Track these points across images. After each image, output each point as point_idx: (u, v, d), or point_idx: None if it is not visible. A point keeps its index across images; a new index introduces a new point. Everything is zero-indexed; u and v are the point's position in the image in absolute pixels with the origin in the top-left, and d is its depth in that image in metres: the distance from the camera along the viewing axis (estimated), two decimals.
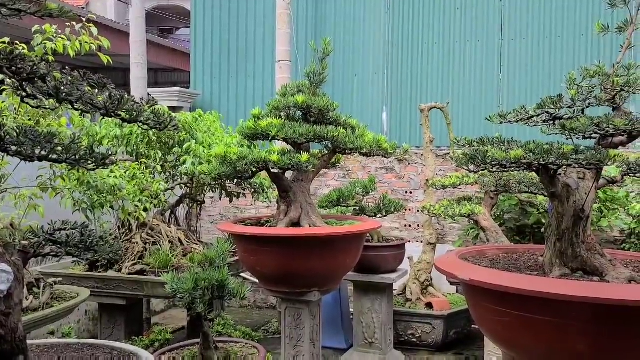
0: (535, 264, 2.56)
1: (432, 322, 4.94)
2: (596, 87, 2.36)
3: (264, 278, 3.30)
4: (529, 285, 1.96)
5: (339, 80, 6.96)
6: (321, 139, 3.31)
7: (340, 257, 3.20)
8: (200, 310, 2.09)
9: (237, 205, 6.81)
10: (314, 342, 3.40)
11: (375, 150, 3.54)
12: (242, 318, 6.11)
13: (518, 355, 2.26)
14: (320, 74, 3.46)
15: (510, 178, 3.47)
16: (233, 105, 7.36)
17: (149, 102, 1.67)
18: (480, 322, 2.34)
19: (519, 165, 2.20)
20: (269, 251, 3.10)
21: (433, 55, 6.74)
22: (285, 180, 3.44)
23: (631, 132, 2.15)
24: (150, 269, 3.78)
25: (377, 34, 6.94)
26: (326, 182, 6.72)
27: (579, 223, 2.32)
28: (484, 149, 2.18)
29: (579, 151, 2.02)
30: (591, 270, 2.30)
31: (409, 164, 6.49)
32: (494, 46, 6.56)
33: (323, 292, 3.36)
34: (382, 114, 6.88)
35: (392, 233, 6.18)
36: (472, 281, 2.13)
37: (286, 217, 3.36)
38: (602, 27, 2.39)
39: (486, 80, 6.58)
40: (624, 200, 4.84)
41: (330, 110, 3.40)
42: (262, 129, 3.23)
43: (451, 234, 6.30)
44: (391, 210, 4.67)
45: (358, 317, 4.68)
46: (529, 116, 2.40)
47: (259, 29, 7.35)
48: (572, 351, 1.95)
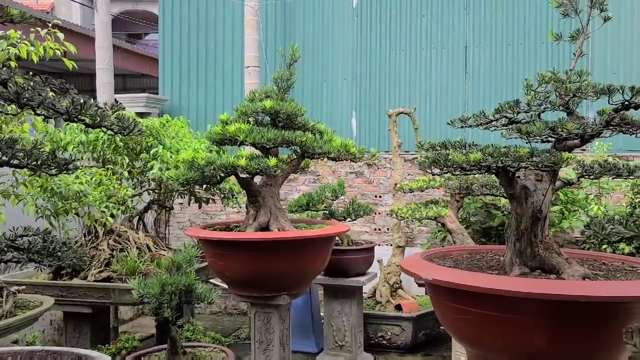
0: (496, 264, 2.64)
1: (401, 323, 5.01)
2: (551, 93, 2.47)
3: (232, 283, 3.30)
4: (488, 283, 2.03)
5: (308, 86, 7.02)
6: (289, 144, 3.34)
7: (310, 260, 3.23)
8: (168, 315, 2.09)
9: (207, 211, 6.78)
10: (284, 346, 3.42)
11: (343, 155, 3.60)
12: (213, 325, 6.07)
13: (480, 352, 2.33)
14: (288, 79, 3.50)
15: (474, 181, 3.56)
16: (202, 111, 7.34)
17: (112, 108, 1.67)
18: (444, 320, 2.41)
19: (478, 167, 2.28)
20: (238, 256, 3.12)
21: (400, 62, 6.86)
22: (254, 185, 3.46)
23: (583, 136, 2.25)
24: (117, 275, 3.73)
25: (345, 41, 7.02)
26: (297, 187, 6.75)
27: (537, 223, 2.41)
28: (445, 152, 2.25)
29: (535, 154, 2.10)
30: (549, 268, 2.39)
31: (378, 168, 6.58)
32: (459, 53, 6.71)
33: (292, 296, 3.39)
34: (352, 119, 6.96)
35: (362, 237, 6.24)
36: (434, 280, 2.19)
37: (255, 221, 3.38)
38: (556, 36, 2.49)
39: (452, 86, 6.73)
40: (584, 202, 5.01)
41: (298, 115, 3.44)
42: (230, 134, 3.25)
43: (420, 237, 6.40)
44: (360, 214, 4.74)
45: (328, 320, 4.71)
46: (489, 120, 2.49)
47: (228, 35, 7.35)
48: (530, 346, 2.03)
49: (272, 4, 7.18)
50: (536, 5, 6.45)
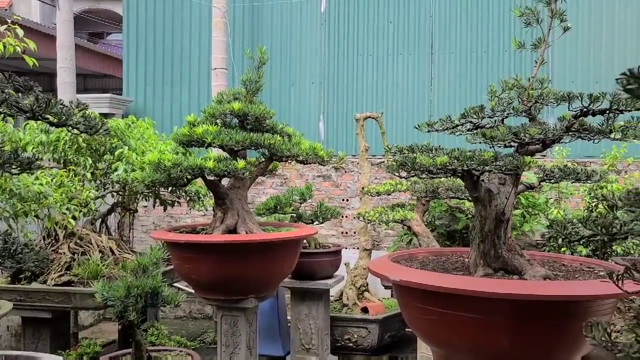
0: (461, 265, 2.70)
1: (367, 326, 5.04)
2: (514, 99, 2.54)
3: (199, 286, 3.26)
4: (454, 284, 2.07)
5: (276, 89, 7.01)
6: (258, 147, 3.33)
7: (277, 263, 3.22)
8: (133, 318, 2.05)
9: (172, 214, 6.68)
10: (250, 349, 3.40)
11: (311, 158, 3.60)
12: (177, 329, 5.97)
13: (446, 352, 2.37)
14: (256, 81, 3.49)
15: (440, 185, 3.63)
16: (168, 113, 7.23)
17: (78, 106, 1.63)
18: (411, 321, 2.44)
19: (445, 171, 2.33)
20: (205, 258, 3.08)
21: (368, 67, 6.93)
22: (222, 188, 3.43)
23: (545, 141, 2.33)
24: (78, 279, 3.63)
25: (313, 45, 7.05)
26: (264, 190, 6.73)
27: (500, 225, 2.48)
28: (413, 155, 2.29)
29: (498, 158, 2.16)
30: (511, 269, 2.46)
31: (346, 172, 6.62)
32: (424, 59, 6.84)
33: (260, 299, 3.37)
34: (319, 123, 6.98)
35: (329, 240, 6.27)
36: (402, 281, 2.22)
37: (222, 224, 3.35)
38: (519, 44, 2.57)
39: (418, 91, 6.85)
40: (544, 206, 5.17)
41: (266, 117, 3.43)
42: (197, 136, 3.21)
43: (386, 240, 6.46)
44: (328, 217, 4.75)
45: (295, 323, 4.70)
46: (454, 125, 2.55)
47: (195, 36, 7.28)
48: (495, 345, 2.08)
49: (240, 6, 7.15)
50: (499, 15, 6.63)
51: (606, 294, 1.90)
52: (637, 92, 0.73)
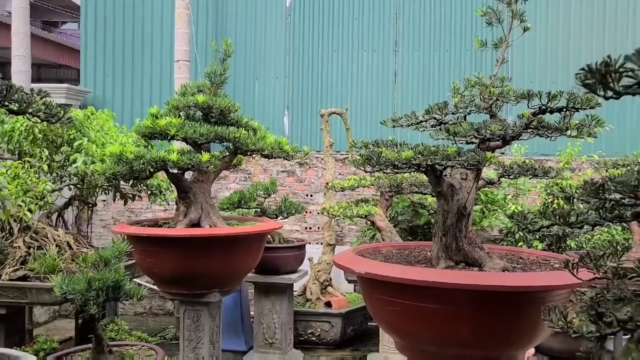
0: (424, 258, 2.75)
1: (330, 320, 5.09)
2: (477, 97, 2.61)
3: (161, 280, 3.22)
4: (417, 276, 2.12)
5: (239, 82, 6.95)
6: (222, 140, 3.30)
7: (241, 257, 3.21)
8: (94, 312, 2.00)
9: (132, 208, 6.54)
10: (213, 344, 3.38)
11: (276, 152, 3.60)
12: (137, 325, 5.86)
13: (410, 342, 2.42)
14: (221, 74, 3.46)
15: (404, 180, 3.69)
16: (128, 105, 7.07)
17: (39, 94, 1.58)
18: (375, 313, 2.48)
19: (409, 165, 2.37)
20: (167, 252, 3.04)
21: (332, 62, 6.96)
22: (185, 181, 3.39)
23: (505, 137, 2.40)
24: (34, 274, 3.51)
25: (278, 39, 7.03)
26: (227, 185, 6.67)
27: (461, 219, 2.54)
28: (378, 150, 2.32)
29: (461, 153, 2.22)
30: (472, 262, 2.53)
31: (310, 167, 6.64)
32: (389, 56, 6.92)
33: (223, 293, 3.35)
34: (284, 117, 6.97)
35: (293, 235, 6.28)
36: (367, 274, 2.26)
37: (185, 218, 3.31)
38: (481, 43, 2.64)
39: (382, 88, 6.92)
40: (502, 202, 5.33)
41: (231, 111, 3.40)
42: (161, 128, 3.16)
43: (350, 235, 6.52)
44: (292, 212, 4.76)
45: (258, 318, 4.70)
46: (419, 121, 2.59)
47: (157, 27, 7.13)
48: (455, 334, 2.13)
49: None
50: (463, 14, 6.77)
51: (560, 284, 1.99)
52: (594, 87, 0.77)
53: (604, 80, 0.74)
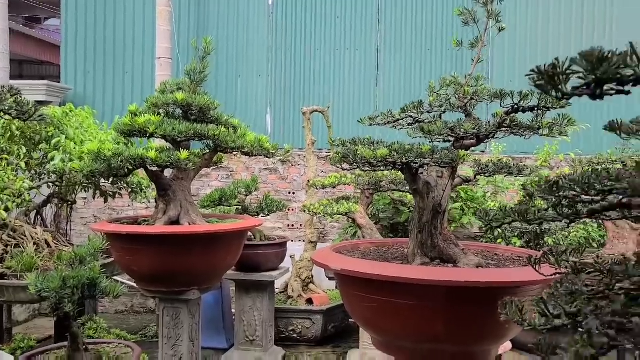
0: (401, 255, 2.79)
1: (311, 317, 5.11)
2: (452, 96, 2.65)
3: (140, 278, 3.21)
4: (391, 272, 2.14)
5: (222, 80, 6.93)
6: (202, 137, 3.30)
7: (221, 254, 3.21)
8: (69, 310, 2.00)
9: (114, 206, 6.50)
10: (193, 341, 3.38)
11: (257, 150, 3.60)
12: (118, 323, 5.83)
13: (386, 338, 2.45)
14: (201, 72, 3.46)
15: (383, 178, 3.73)
16: (109, 102, 7.01)
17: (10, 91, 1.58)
18: (352, 310, 2.51)
19: (385, 163, 2.40)
20: (146, 250, 3.04)
21: (315, 61, 6.98)
22: (164, 179, 3.38)
23: (479, 136, 2.44)
24: (11, 272, 3.48)
25: (260, 37, 7.02)
26: (209, 183, 6.66)
27: (437, 216, 2.58)
28: (355, 148, 2.35)
29: (435, 151, 2.25)
30: (447, 258, 2.57)
31: (292, 165, 6.65)
32: (371, 55, 6.95)
33: (203, 291, 3.36)
34: (266, 115, 6.97)
35: (275, 233, 6.29)
36: (343, 271, 2.28)
37: (165, 215, 3.31)
38: (457, 43, 2.68)
39: (364, 86, 6.96)
40: (482, 199, 5.39)
41: (211, 108, 3.41)
42: (139, 126, 3.15)
43: (332, 233, 6.55)
44: (273, 209, 4.77)
45: (239, 315, 4.70)
46: (396, 119, 2.63)
47: (139, 24, 7.08)
48: (430, 330, 2.17)
49: None
50: (444, 13, 6.83)
51: (531, 279, 2.03)
52: (545, 87, 0.79)
53: (552, 82, 0.77)
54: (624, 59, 0.72)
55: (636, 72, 0.73)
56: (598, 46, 0.75)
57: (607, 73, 0.73)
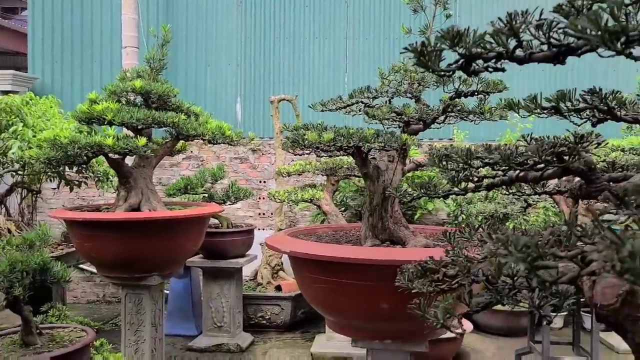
0: (355, 238, 2.86)
1: (280, 303, 5.18)
2: (403, 82, 2.72)
3: (101, 264, 3.24)
4: (337, 253, 2.22)
5: (191, 69, 6.91)
6: (161, 125, 3.32)
7: (181, 240, 3.25)
8: (18, 294, 2.03)
9: (83, 196, 6.47)
10: (156, 327, 3.42)
11: (219, 138, 3.64)
12: (89, 313, 5.84)
13: (337, 318, 2.53)
14: (160, 59, 3.47)
15: (342, 164, 3.80)
16: (77, 92, 6.95)
17: None
18: (304, 291, 2.58)
19: (335, 148, 2.46)
20: (106, 236, 3.06)
21: (284, 49, 6.99)
22: (125, 166, 3.40)
23: (425, 120, 2.51)
24: None
25: (229, 26, 7.01)
26: (180, 172, 6.66)
27: (387, 200, 2.65)
28: (302, 133, 2.40)
29: (380, 135, 2.32)
30: (396, 240, 2.65)
31: (263, 154, 6.69)
32: (340, 44, 6.99)
33: (165, 276, 3.39)
34: (236, 105, 6.98)
35: (247, 221, 6.33)
36: (291, 252, 2.35)
37: (125, 202, 3.34)
38: (407, 30, 2.74)
39: (334, 75, 7.00)
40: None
41: (170, 96, 3.43)
42: (97, 113, 3.16)
43: (303, 221, 6.61)
44: (240, 197, 4.81)
45: (207, 302, 4.76)
46: (346, 105, 2.69)
47: (106, 13, 7.01)
48: (376, 309, 2.25)
49: None
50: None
51: None
52: (422, 63, 0.86)
53: (423, 60, 0.83)
54: (481, 37, 0.78)
55: (497, 50, 0.80)
56: (456, 25, 0.81)
57: (468, 50, 0.79)
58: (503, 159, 0.95)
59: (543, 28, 0.76)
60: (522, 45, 0.79)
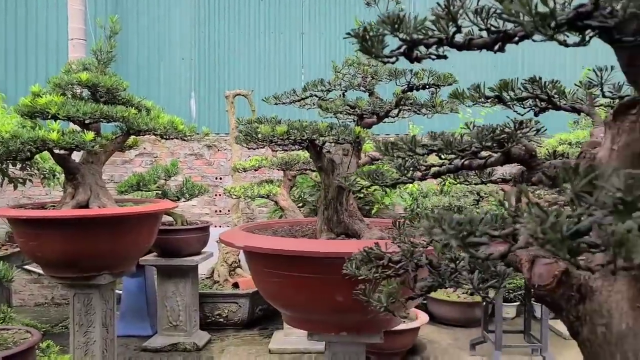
0: (311, 232, 2.85)
1: (238, 300, 5.13)
2: (357, 75, 2.72)
3: (47, 264, 3.12)
4: (287, 246, 2.20)
5: (144, 64, 6.73)
6: (110, 119, 3.22)
7: (131, 238, 3.16)
8: None
9: (30, 195, 6.22)
10: (107, 327, 3.32)
11: (171, 132, 3.55)
12: (37, 316, 5.62)
13: (291, 312, 2.51)
14: (108, 52, 3.36)
15: (298, 159, 3.78)
16: (22, 86, 6.65)
17: None
18: (260, 285, 2.55)
19: (289, 141, 2.44)
20: (51, 235, 2.95)
21: (240, 44, 6.91)
22: (72, 162, 3.29)
23: (378, 113, 2.53)
24: None
25: (183, 19, 6.86)
26: (132, 169, 6.49)
27: (342, 193, 2.65)
28: (255, 126, 2.37)
29: (333, 128, 2.32)
30: (352, 233, 2.65)
31: (219, 150, 6.59)
32: (296, 39, 6.96)
33: (115, 275, 3.29)
34: (191, 100, 6.85)
35: (203, 218, 6.23)
36: (246, 247, 2.32)
37: (73, 200, 3.22)
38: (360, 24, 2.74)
39: (290, 70, 6.97)
40: None
41: (119, 89, 3.32)
42: (41, 107, 3.03)
43: (260, 217, 6.57)
44: (195, 193, 4.72)
45: (162, 301, 4.65)
46: (300, 98, 2.67)
47: (52, 4, 6.73)
48: (333, 302, 2.24)
49: None
50: None
51: None
52: (365, 49, 0.85)
53: (365, 45, 0.82)
54: (422, 22, 0.78)
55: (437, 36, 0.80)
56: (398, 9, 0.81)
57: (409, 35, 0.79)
58: (445, 145, 0.96)
59: (481, 14, 0.76)
60: (461, 31, 0.79)
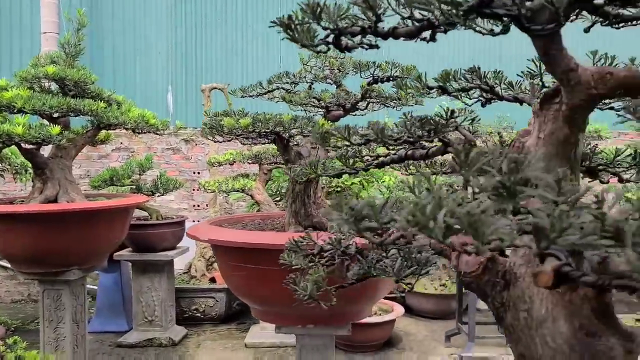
0: (280, 225, 2.86)
1: (215, 295, 5.12)
2: (325, 68, 2.72)
3: (16, 260, 3.09)
4: (251, 239, 2.20)
5: (119, 58, 6.66)
6: (78, 113, 3.19)
7: (101, 232, 3.14)
8: None
9: (4, 190, 6.13)
10: (77, 323, 3.30)
11: (142, 126, 3.53)
12: (13, 313, 5.56)
13: (260, 305, 2.52)
14: (77, 44, 3.33)
15: (267, 152, 3.78)
16: None
17: None
18: (227, 279, 2.55)
19: (256, 134, 2.44)
20: (19, 230, 2.92)
21: (217, 38, 6.86)
22: (40, 157, 3.25)
23: (344, 106, 2.53)
24: None
25: (159, 12, 6.79)
26: (108, 164, 6.43)
27: (309, 186, 2.66)
28: (219, 119, 2.37)
29: (297, 120, 2.32)
30: (319, 226, 2.66)
31: (196, 144, 6.56)
32: (274, 33, 6.92)
33: (86, 270, 3.27)
34: (167, 94, 6.80)
35: (181, 213, 6.20)
36: (210, 240, 2.32)
37: (41, 194, 3.19)
38: None
39: (269, 64, 6.94)
40: (379, 173, 5.59)
41: (88, 83, 3.29)
42: (6, 101, 2.99)
43: (239, 211, 6.55)
44: (170, 188, 4.69)
45: (137, 296, 4.63)
46: (267, 91, 2.67)
47: None
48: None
49: None
50: None
51: None
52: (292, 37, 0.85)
53: (291, 34, 0.82)
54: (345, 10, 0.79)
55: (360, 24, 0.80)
56: None
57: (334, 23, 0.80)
58: (376, 134, 0.97)
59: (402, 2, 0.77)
60: (381, 19, 0.80)
